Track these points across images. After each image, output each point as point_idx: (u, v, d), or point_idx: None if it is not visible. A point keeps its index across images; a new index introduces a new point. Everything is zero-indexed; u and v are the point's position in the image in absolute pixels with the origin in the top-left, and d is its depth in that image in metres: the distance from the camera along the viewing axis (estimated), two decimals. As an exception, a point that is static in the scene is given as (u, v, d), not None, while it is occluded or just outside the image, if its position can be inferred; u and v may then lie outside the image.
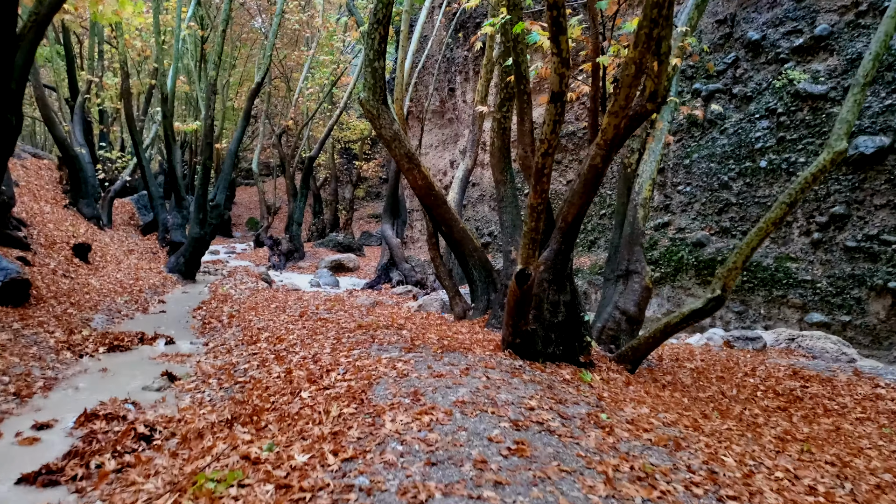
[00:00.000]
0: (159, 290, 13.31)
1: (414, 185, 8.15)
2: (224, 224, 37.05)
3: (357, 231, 36.45)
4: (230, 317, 9.29)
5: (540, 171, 5.04)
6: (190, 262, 15.98)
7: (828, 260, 12.70)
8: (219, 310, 10.30)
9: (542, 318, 6.01)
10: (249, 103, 16.74)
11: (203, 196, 15.75)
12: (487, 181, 22.99)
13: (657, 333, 6.14)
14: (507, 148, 8.17)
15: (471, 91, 24.89)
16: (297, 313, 8.67)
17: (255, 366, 5.81)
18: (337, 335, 6.81)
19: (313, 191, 34.10)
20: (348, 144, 37.28)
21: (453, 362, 5.29)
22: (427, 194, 8.24)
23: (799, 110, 13.43)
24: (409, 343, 6.30)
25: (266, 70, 16.85)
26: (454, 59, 25.90)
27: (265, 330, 7.68)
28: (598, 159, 5.45)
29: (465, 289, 10.66)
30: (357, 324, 7.45)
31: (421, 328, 7.56)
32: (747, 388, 6.23)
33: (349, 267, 22.11)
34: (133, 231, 22.90)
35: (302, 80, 23.07)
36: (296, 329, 7.41)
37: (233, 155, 16.77)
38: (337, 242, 26.47)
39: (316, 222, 33.47)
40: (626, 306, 7.04)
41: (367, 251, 28.83)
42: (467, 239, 8.48)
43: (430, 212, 8.47)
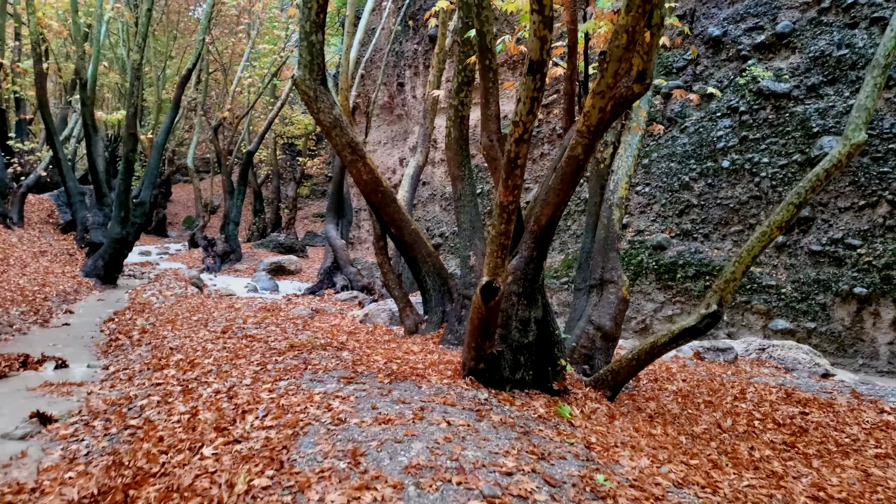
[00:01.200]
0: (69, 298, 11.80)
1: (358, 179, 7.07)
2: (159, 223, 35.02)
3: (301, 231, 34.92)
4: (142, 332, 8.00)
5: (512, 161, 4.06)
6: (110, 266, 14.44)
7: (792, 264, 12.21)
8: (132, 322, 8.97)
9: (509, 337, 5.04)
10: (179, 90, 15.28)
11: (125, 192, 14.23)
12: (439, 180, 22.00)
13: (641, 355, 5.25)
14: (465, 139, 7.19)
15: (421, 86, 23.86)
16: (221, 328, 7.47)
17: (154, 402, 4.64)
18: (263, 359, 5.67)
19: (254, 188, 32.42)
20: (292, 140, 35.73)
21: (404, 398, 4.25)
22: (373, 190, 7.17)
23: (762, 109, 12.92)
24: (350, 369, 5.24)
25: (198, 55, 15.43)
26: (403, 52, 24.81)
27: (179, 350, 6.47)
28: (580, 149, 4.51)
29: (416, 297, 9.65)
30: (289, 343, 6.33)
31: (366, 347, 6.50)
32: (741, 415, 5.41)
33: (290, 270, 20.76)
34: (52, 230, 20.96)
35: (241, 69, 21.58)
36: (215, 350, 6.24)
37: (160, 147, 15.27)
38: (278, 243, 25.03)
39: (256, 222, 31.85)
40: (600, 321, 6.14)
41: (311, 252, 27.44)
42: (420, 242, 7.46)
43: (377, 211, 7.41)
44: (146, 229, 34.52)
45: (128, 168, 14.17)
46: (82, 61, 15.89)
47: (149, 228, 34.61)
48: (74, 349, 7.50)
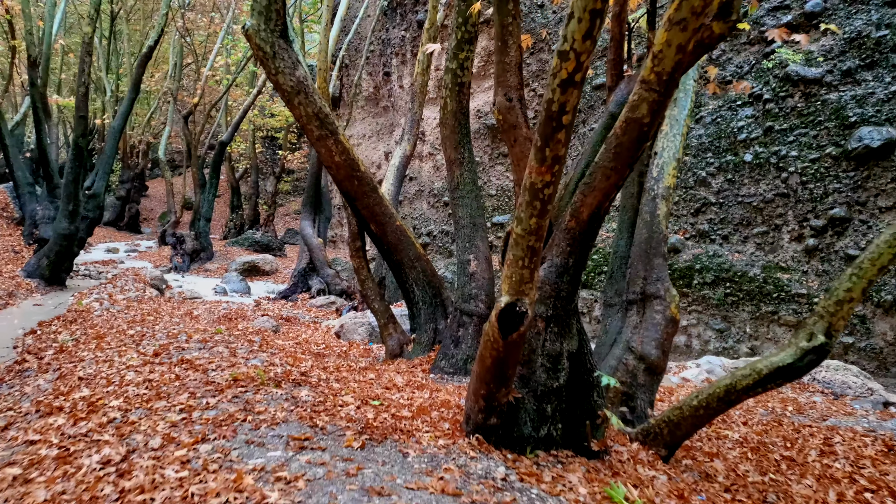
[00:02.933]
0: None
1: (329, 161, 5.55)
2: (132, 218, 33.21)
3: (281, 229, 33.24)
4: (59, 351, 6.43)
5: (553, 118, 2.58)
6: (56, 265, 12.76)
7: (825, 270, 10.82)
8: (54, 337, 7.38)
9: (533, 380, 3.56)
10: (139, 71, 13.64)
11: (74, 182, 12.56)
12: (427, 174, 20.48)
13: (712, 403, 3.78)
14: (464, 113, 5.69)
15: (408, 75, 22.32)
16: (155, 349, 5.91)
17: (10, 478, 3.11)
18: (191, 400, 4.14)
19: (232, 183, 30.73)
20: (272, 133, 34.07)
21: (382, 484, 2.75)
22: (348, 176, 5.66)
23: (789, 96, 11.53)
24: (307, 421, 3.72)
25: (160, 31, 13.80)
26: (390, 39, 23.26)
27: (88, 382, 4.92)
28: (644, 108, 3.03)
29: (401, 308, 8.17)
30: (233, 374, 4.79)
31: (334, 379, 4.97)
32: (841, 482, 3.98)
33: (265, 270, 19.14)
34: (5, 225, 19.21)
35: (215, 52, 19.91)
36: (133, 384, 4.69)
37: (117, 133, 13.62)
38: (254, 241, 23.38)
39: (234, 218, 30.16)
40: (643, 349, 4.67)
41: (290, 251, 25.82)
42: (406, 242, 5.95)
43: (352, 202, 5.88)
44: (118, 225, 32.72)
45: (77, 155, 12.51)
46: (31, 36, 14.19)
47: (120, 224, 32.81)
48: (-35, 375, 5.92)
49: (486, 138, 17.86)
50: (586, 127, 15.33)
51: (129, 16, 28.38)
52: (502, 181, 17.36)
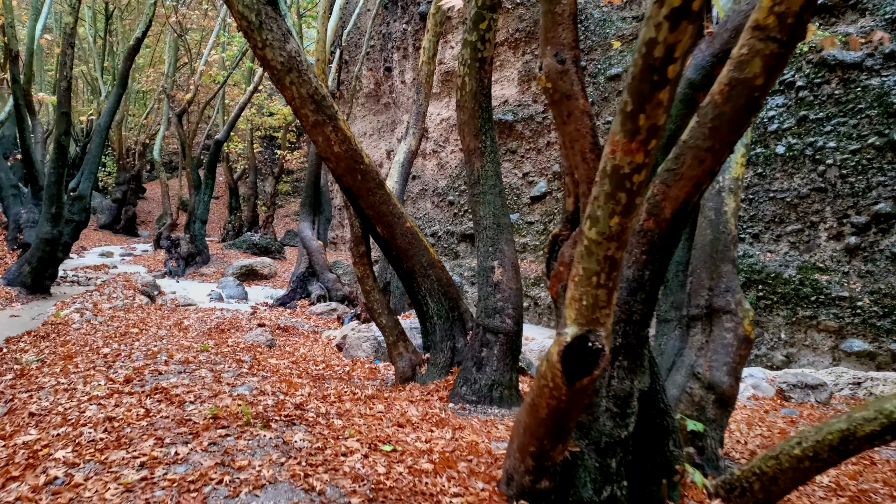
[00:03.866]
0: (-30, 315, 9.34)
1: (326, 152, 4.71)
2: (129, 221, 32.36)
3: (281, 230, 32.39)
4: (20, 374, 5.59)
5: (655, 70, 1.74)
6: (39, 272, 11.94)
7: (869, 272, 9.94)
8: (21, 354, 6.55)
9: (594, 427, 2.71)
10: (127, 63, 12.80)
11: (57, 184, 11.73)
12: (430, 173, 19.63)
13: (822, 453, 2.93)
14: (486, 94, 4.84)
15: (410, 70, 21.48)
16: (126, 374, 5.06)
17: None
18: (156, 449, 3.31)
19: (229, 184, 29.87)
20: (270, 132, 33.23)
21: None
22: (349, 169, 4.81)
23: (825, 83, 10.66)
24: (300, 481, 2.88)
25: (148, 21, 12.97)
26: (391, 33, 22.43)
27: (40, 420, 4.09)
28: (759, 66, 2.18)
29: (409, 320, 7.35)
30: (213, 410, 3.94)
31: (336, 413, 4.12)
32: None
33: (263, 274, 18.31)
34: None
35: (209, 47, 19.07)
36: (91, 423, 3.86)
37: (103, 131, 12.79)
38: (252, 244, 22.54)
39: (232, 220, 29.31)
40: (713, 375, 3.82)
41: (290, 254, 24.96)
42: (418, 247, 5.10)
43: (355, 201, 5.03)
44: (114, 228, 31.89)
45: (60, 154, 11.68)
46: (12, 30, 13.36)
47: (117, 227, 31.97)
48: None
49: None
50: (600, 120, 14.48)
51: (123, 14, 27.59)
52: (510, 178, 16.50)
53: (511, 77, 17.23)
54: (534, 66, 16.36)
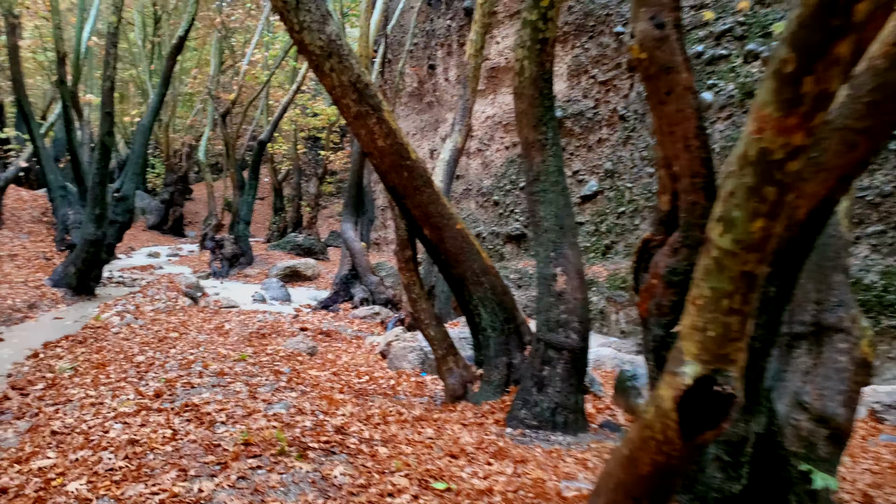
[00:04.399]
0: (15, 317, 9.24)
1: (370, 146, 4.27)
2: (176, 222, 32.81)
3: (325, 231, 32.33)
4: (50, 384, 5.33)
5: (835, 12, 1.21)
6: (84, 273, 11.88)
7: (963, 275, 9.05)
8: (56, 361, 6.31)
9: (699, 480, 2.19)
10: (169, 63, 12.69)
11: (100, 184, 11.65)
12: (474, 172, 19.10)
13: None
14: (547, 79, 4.33)
15: (454, 67, 21.01)
16: (157, 388, 4.71)
17: None
18: (177, 489, 2.90)
19: (274, 185, 29.95)
20: (314, 133, 33.20)
21: None
22: (395, 166, 4.36)
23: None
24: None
25: (190, 21, 12.82)
26: (434, 30, 22.01)
27: (61, 441, 3.76)
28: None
29: (457, 328, 6.89)
30: (244, 435, 3.53)
31: (381, 440, 3.67)
32: None
33: (306, 275, 18.11)
34: (45, 230, 18.62)
35: (252, 45, 18.97)
36: (113, 446, 3.49)
37: (146, 131, 12.70)
38: (296, 244, 22.42)
39: (277, 221, 29.38)
40: (823, 405, 3.22)
41: (332, 254, 24.76)
42: (470, 252, 4.62)
43: (401, 201, 4.58)
44: (162, 229, 32.33)
45: (103, 155, 11.60)
46: (59, 31, 13.39)
47: (164, 228, 32.42)
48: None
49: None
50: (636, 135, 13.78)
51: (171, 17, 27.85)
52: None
53: (560, 72, 16.59)
54: (584, 59, 15.73)
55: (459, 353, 4.84)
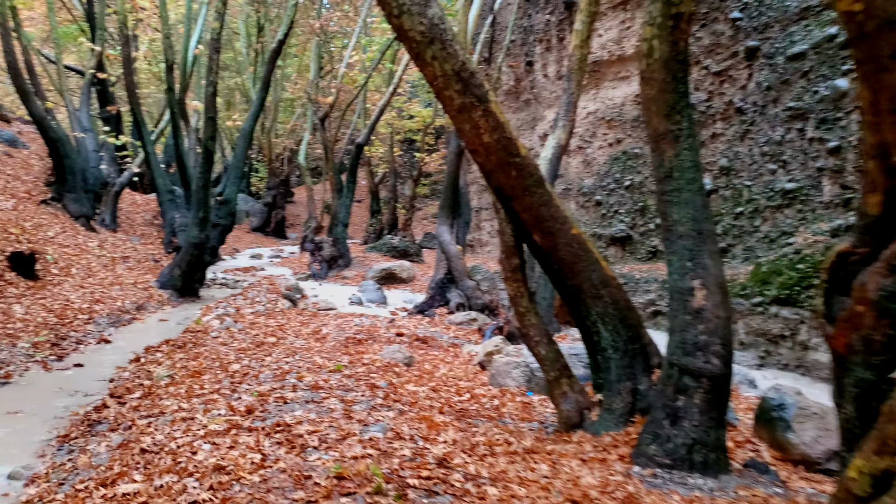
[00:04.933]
0: (122, 319, 9.49)
1: (474, 142, 3.81)
2: (278, 224, 33.89)
3: (419, 233, 32.40)
4: (146, 393, 5.23)
5: None
6: (188, 275, 12.19)
7: None
8: (156, 366, 6.28)
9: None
10: (269, 66, 12.83)
11: (204, 188, 11.91)
12: (574, 171, 18.32)
13: None
14: (682, 61, 3.71)
15: (554, 62, 20.29)
16: (246, 406, 4.45)
17: None
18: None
19: (371, 188, 30.29)
20: (409, 135, 33.36)
21: None
22: (502, 163, 3.88)
23: None
24: None
25: (289, 25, 12.90)
26: (533, 26, 21.38)
27: (149, 461, 3.54)
28: None
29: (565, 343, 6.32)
30: (337, 468, 3.16)
31: (489, 475, 3.20)
32: None
33: (402, 277, 17.97)
34: (156, 233, 19.52)
35: (349, 49, 19.09)
36: (199, 471, 3.22)
37: (247, 136, 12.90)
38: (391, 247, 22.43)
39: (373, 223, 29.66)
40: None
41: (427, 256, 24.64)
42: (588, 260, 4.06)
43: (508, 203, 4.09)
44: (265, 231, 33.48)
45: (206, 159, 11.84)
46: (168, 40, 13.88)
47: (267, 230, 33.56)
48: (32, 424, 4.84)
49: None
50: (755, 129, 12.59)
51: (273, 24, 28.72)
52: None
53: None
54: (695, 49, 14.64)
55: (574, 376, 4.27)
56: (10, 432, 4.67)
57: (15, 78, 12.52)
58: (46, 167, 15.18)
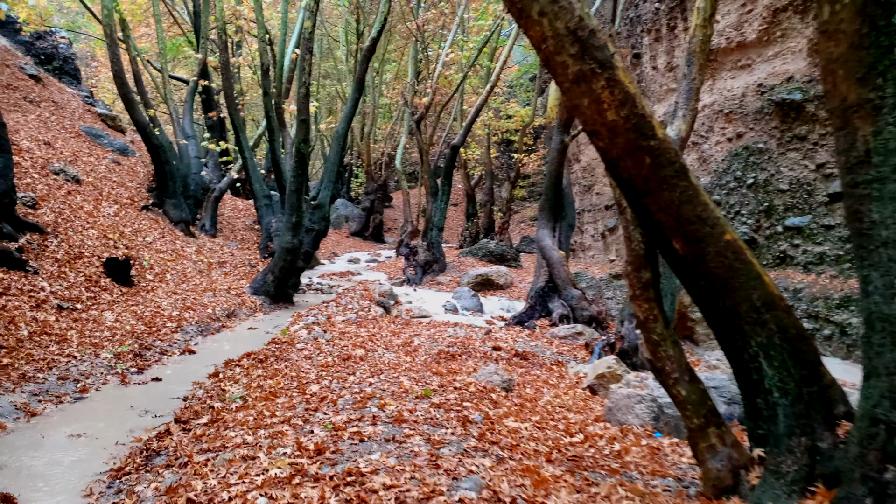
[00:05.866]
0: (212, 327, 9.24)
1: (594, 121, 2.94)
2: (376, 228, 34.01)
3: (517, 236, 31.44)
4: (212, 419, 4.69)
5: None
6: (281, 281, 11.92)
7: None
8: (231, 384, 5.79)
9: None
10: (363, 66, 12.39)
11: (297, 192, 11.60)
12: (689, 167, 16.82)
13: None
14: (884, 4, 2.70)
15: (664, 53, 18.82)
16: (316, 443, 3.78)
17: None
18: None
19: (467, 191, 29.67)
20: (507, 136, 32.51)
21: None
22: (631, 149, 2.97)
23: None
24: None
25: (383, 22, 12.41)
26: (640, 16, 19.99)
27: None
28: None
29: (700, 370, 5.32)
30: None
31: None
32: None
33: (498, 283, 17.14)
34: (256, 238, 19.76)
35: (447, 47, 18.51)
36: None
37: (341, 138, 12.51)
38: (487, 251, 21.63)
39: (469, 227, 29.03)
40: None
41: (525, 261, 23.66)
42: (746, 275, 3.07)
43: (638, 199, 3.17)
44: (363, 235, 33.68)
45: (299, 163, 11.52)
46: (264, 44, 13.79)
47: (365, 234, 33.75)
48: (92, 451, 4.40)
49: (773, 118, 13.82)
50: None
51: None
52: (798, 171, 13.22)
53: (797, 48, 13.89)
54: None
55: (726, 424, 3.30)
56: (66, 461, 4.24)
57: (120, 86, 12.77)
58: (150, 174, 15.54)
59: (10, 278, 7.60)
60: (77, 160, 12.95)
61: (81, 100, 19.52)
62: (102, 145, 15.51)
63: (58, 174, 11.33)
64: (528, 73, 34.89)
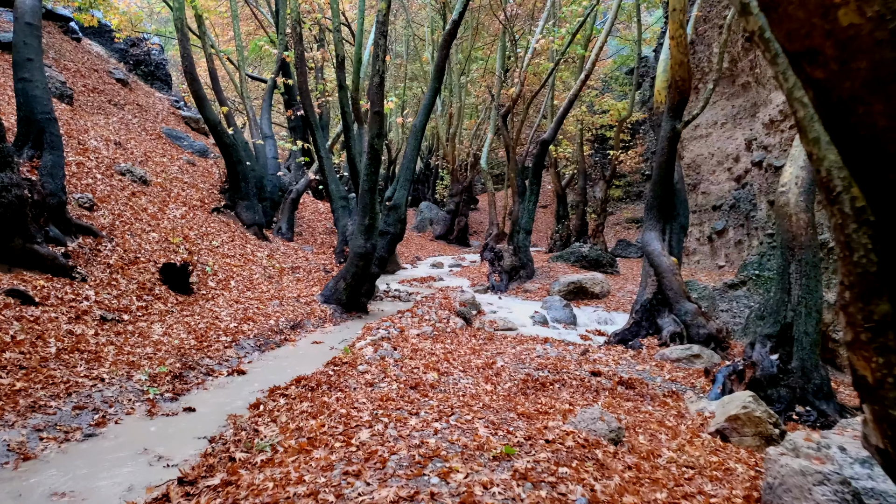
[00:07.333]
0: (272, 340, 8.30)
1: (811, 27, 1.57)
2: (461, 232, 32.96)
3: (612, 240, 29.49)
4: (229, 476, 3.60)
5: None
6: (354, 288, 10.94)
7: None
8: (268, 421, 4.72)
9: None
10: (442, 52, 11.22)
11: (370, 192, 10.59)
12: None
13: None
14: None
15: (781, 33, 16.65)
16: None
17: None
18: None
19: (557, 191, 28.02)
20: (601, 132, 30.62)
21: None
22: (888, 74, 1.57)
23: None
24: None
25: (464, 4, 11.20)
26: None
27: None
28: None
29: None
30: None
31: None
32: None
33: (593, 292, 15.55)
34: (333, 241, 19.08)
35: (537, 33, 17.11)
36: None
37: (418, 133, 11.40)
38: (580, 256, 19.98)
39: (559, 229, 27.36)
40: None
41: (622, 266, 21.80)
42: None
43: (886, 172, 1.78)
44: (448, 239, 32.70)
45: (373, 159, 10.50)
46: (339, 34, 12.91)
47: (450, 238, 32.77)
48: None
49: None
50: None
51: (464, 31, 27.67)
52: None
53: None
54: None
55: None
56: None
57: (191, 82, 12.24)
58: (224, 175, 15.06)
59: (52, 286, 6.92)
60: (148, 160, 12.54)
61: (170, 104, 19.53)
62: (181, 146, 15.18)
63: (123, 174, 10.86)
64: (624, 66, 32.81)
